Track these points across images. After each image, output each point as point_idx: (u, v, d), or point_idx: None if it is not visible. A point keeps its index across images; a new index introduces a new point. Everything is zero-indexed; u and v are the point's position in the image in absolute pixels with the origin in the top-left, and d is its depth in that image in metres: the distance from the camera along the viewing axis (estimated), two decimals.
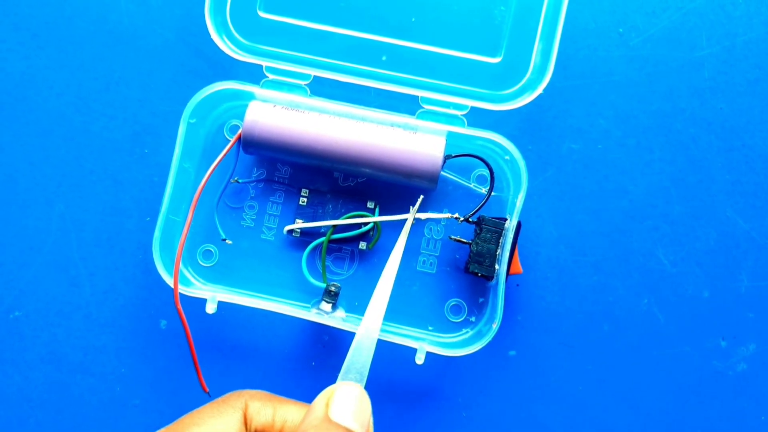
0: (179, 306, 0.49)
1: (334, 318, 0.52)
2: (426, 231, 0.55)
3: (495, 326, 0.50)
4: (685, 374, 0.54)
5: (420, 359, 0.50)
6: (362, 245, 0.54)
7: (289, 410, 0.40)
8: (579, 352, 0.55)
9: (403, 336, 0.52)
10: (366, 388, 0.52)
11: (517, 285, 0.55)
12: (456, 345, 0.52)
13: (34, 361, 0.54)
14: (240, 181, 0.54)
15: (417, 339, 0.52)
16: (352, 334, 0.52)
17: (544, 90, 0.51)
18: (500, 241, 0.51)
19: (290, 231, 0.54)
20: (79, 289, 0.55)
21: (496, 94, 0.53)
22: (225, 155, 0.52)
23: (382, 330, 0.49)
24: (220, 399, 0.40)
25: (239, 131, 0.52)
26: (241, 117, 0.52)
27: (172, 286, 0.50)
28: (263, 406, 0.40)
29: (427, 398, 0.54)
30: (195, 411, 0.39)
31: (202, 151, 0.54)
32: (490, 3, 0.53)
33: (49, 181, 0.56)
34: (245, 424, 0.39)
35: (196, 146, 0.54)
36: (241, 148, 0.53)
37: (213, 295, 0.51)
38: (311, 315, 0.51)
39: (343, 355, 0.52)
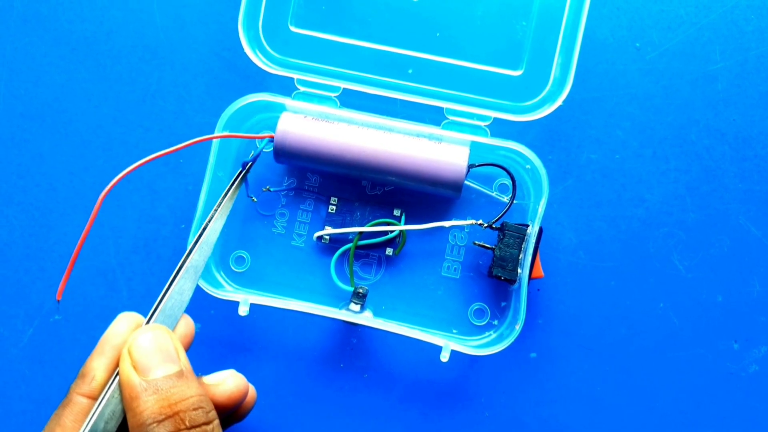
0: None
1: (363, 317, 0.52)
2: (450, 237, 0.55)
3: (518, 328, 0.50)
4: (699, 375, 0.55)
5: (445, 357, 0.51)
6: (388, 251, 0.55)
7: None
8: (597, 354, 0.55)
9: (430, 334, 0.52)
10: (391, 387, 0.55)
11: (538, 289, 0.55)
12: (479, 347, 0.52)
13: (73, 362, 0.54)
14: (272, 189, 0.55)
15: None
16: (380, 334, 0.55)
17: (564, 102, 0.52)
18: (522, 246, 0.52)
19: (319, 237, 0.55)
20: (116, 294, 0.56)
21: (518, 105, 0.54)
22: (254, 157, 0.52)
23: (408, 327, 0.52)
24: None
25: (266, 134, 0.53)
26: (273, 128, 0.53)
27: (205, 289, 0.51)
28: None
29: (451, 397, 0.55)
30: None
31: (234, 160, 0.55)
32: (512, 18, 0.54)
33: (88, 189, 0.57)
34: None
35: (229, 156, 0.54)
36: (272, 157, 0.54)
37: (245, 298, 0.52)
38: (341, 314, 0.52)
39: (372, 356, 0.55)
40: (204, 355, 0.56)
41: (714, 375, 0.55)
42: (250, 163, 0.49)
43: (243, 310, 0.52)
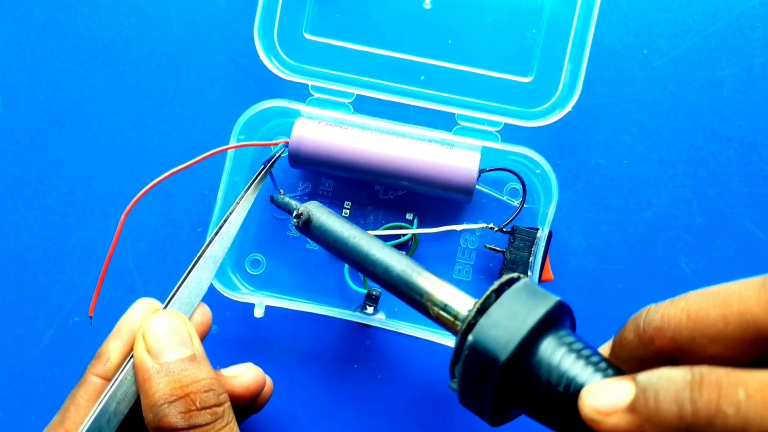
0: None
1: (376, 319, 0.53)
2: (461, 241, 0.56)
3: None
4: None
5: None
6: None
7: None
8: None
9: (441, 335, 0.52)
10: (403, 387, 0.55)
11: None
12: None
13: None
14: (286, 197, 0.55)
15: None
16: (392, 335, 0.55)
17: (573, 108, 0.53)
18: (532, 249, 0.52)
19: None
20: (134, 296, 0.53)
21: (528, 111, 0.54)
22: (273, 163, 0.52)
23: (420, 329, 0.52)
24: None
25: (280, 139, 0.54)
26: (288, 133, 0.53)
27: (222, 292, 0.52)
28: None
29: None
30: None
31: (250, 165, 0.55)
32: (522, 26, 0.55)
33: (106, 194, 0.58)
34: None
35: (245, 161, 0.55)
36: (287, 162, 0.54)
37: (261, 300, 0.52)
38: (354, 316, 0.52)
39: (385, 357, 0.55)
40: (220, 356, 0.56)
41: None
42: (273, 159, 0.50)
43: (259, 312, 0.53)
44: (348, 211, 0.56)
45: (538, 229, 0.53)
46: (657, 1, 0.58)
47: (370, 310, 0.54)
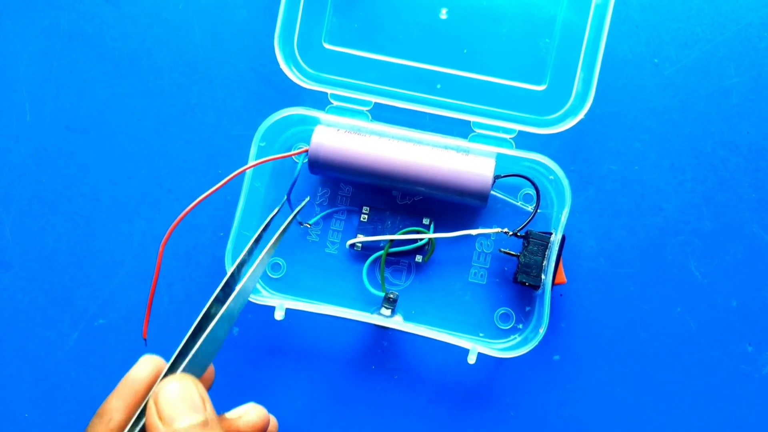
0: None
1: (394, 321, 0.53)
2: (477, 245, 0.56)
3: (542, 331, 0.51)
4: (715, 377, 0.55)
5: (472, 359, 0.51)
6: (418, 258, 0.56)
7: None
8: (617, 356, 0.56)
9: (457, 337, 0.53)
10: (420, 388, 0.55)
11: (561, 295, 0.56)
12: (505, 350, 0.53)
13: (117, 365, 0.53)
14: (309, 225, 0.56)
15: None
16: (409, 337, 0.55)
17: (586, 115, 0.52)
18: (546, 253, 0.52)
19: (352, 245, 0.56)
20: (157, 299, 0.57)
21: (541, 119, 0.54)
22: (262, 160, 0.53)
23: (437, 331, 0.52)
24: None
25: (302, 148, 0.54)
26: (308, 141, 0.53)
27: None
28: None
29: (477, 398, 0.56)
30: None
31: (271, 171, 0.56)
32: (536, 35, 0.55)
33: (130, 199, 0.58)
34: None
35: (266, 167, 0.55)
36: (307, 169, 0.54)
37: (281, 303, 0.52)
38: (372, 318, 0.52)
39: (402, 359, 0.55)
40: (242, 358, 0.57)
41: (729, 376, 0.56)
42: (296, 211, 0.48)
43: (279, 315, 0.53)
44: (366, 216, 0.56)
45: (551, 234, 0.53)
46: (667, 12, 0.58)
47: (387, 312, 0.54)
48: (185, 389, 0.39)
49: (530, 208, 0.56)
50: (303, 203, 0.50)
